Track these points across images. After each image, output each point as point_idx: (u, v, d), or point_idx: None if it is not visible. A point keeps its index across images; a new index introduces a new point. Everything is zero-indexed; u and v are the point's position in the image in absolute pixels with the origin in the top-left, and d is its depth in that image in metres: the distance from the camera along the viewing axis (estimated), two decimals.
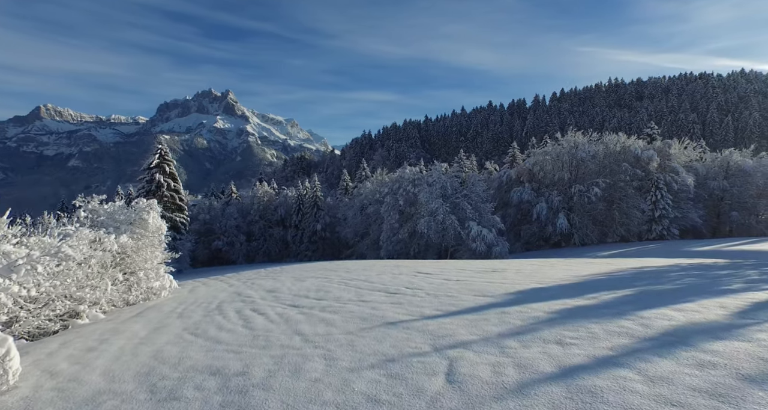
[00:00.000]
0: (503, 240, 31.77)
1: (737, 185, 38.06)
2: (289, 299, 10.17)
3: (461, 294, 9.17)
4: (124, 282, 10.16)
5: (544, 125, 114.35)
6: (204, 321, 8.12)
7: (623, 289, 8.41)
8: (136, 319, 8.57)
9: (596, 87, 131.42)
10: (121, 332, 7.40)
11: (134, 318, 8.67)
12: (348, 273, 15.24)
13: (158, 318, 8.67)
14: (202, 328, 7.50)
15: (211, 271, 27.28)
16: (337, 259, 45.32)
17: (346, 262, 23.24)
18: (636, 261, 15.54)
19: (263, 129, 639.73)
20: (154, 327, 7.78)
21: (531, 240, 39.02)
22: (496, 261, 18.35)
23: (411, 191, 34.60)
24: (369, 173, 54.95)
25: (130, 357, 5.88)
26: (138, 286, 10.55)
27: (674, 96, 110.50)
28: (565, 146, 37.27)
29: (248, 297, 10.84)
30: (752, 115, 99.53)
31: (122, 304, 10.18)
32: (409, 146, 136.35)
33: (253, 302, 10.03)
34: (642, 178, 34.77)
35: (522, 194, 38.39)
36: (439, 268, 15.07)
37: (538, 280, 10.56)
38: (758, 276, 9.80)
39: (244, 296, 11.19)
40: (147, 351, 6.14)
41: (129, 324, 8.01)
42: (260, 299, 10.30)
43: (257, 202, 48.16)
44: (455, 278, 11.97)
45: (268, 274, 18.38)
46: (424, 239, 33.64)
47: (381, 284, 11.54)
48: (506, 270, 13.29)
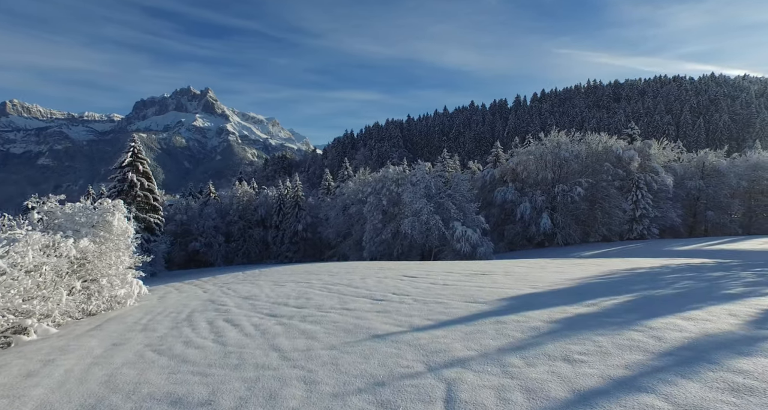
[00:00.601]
0: (487, 240, 31.52)
1: (712, 185, 38.87)
2: (267, 307, 9.43)
3: (451, 301, 8.62)
4: (83, 291, 9.24)
5: (525, 125, 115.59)
6: (170, 334, 7.32)
7: (622, 294, 7.99)
8: (93, 333, 7.70)
9: (575, 88, 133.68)
10: (71, 350, 6.55)
11: (91, 332, 7.79)
12: (331, 277, 14.54)
13: (119, 331, 7.81)
14: (167, 344, 6.71)
15: (187, 274, 26.12)
16: (319, 260, 44.46)
17: (328, 264, 22.52)
18: (624, 262, 15.32)
19: (244, 128, 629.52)
20: (113, 342, 6.95)
21: (515, 240, 38.98)
22: (483, 263, 17.93)
23: (394, 190, 34.05)
24: (351, 173, 54.17)
25: (76, 384, 5.07)
26: (100, 295, 9.63)
27: (650, 98, 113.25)
28: (548, 146, 37.34)
29: (222, 305, 10.04)
30: (722, 117, 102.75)
31: (81, 315, 9.26)
32: (391, 146, 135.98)
33: (227, 311, 9.25)
34: (623, 178, 35.10)
35: (506, 193, 38.31)
36: (424, 270, 14.52)
37: (531, 284, 10.10)
38: (754, 278, 9.56)
39: (219, 303, 10.38)
40: (98, 375, 5.35)
41: (84, 340, 7.15)
42: (235, 308, 9.52)
43: (236, 202, 46.84)
44: (443, 281, 11.42)
45: (246, 278, 17.52)
46: (408, 240, 33.13)
47: (366, 289, 10.91)
48: (495, 273, 12.83)
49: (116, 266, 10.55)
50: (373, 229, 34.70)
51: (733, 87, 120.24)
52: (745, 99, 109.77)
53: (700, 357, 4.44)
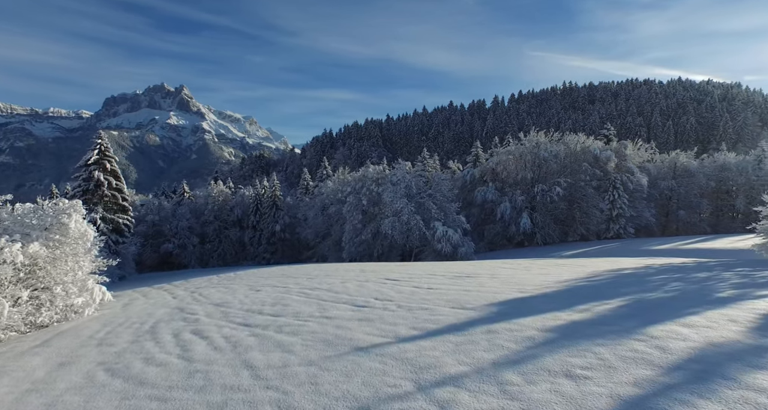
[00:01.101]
0: (468, 241, 31.36)
1: (684, 185, 39.89)
2: (241, 315, 8.75)
3: (437, 306, 8.17)
4: (31, 301, 8.35)
5: (503, 125, 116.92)
6: (130, 349, 6.60)
7: (614, 298, 7.70)
8: (38, 350, 6.89)
9: (552, 90, 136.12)
10: (7, 372, 5.77)
11: (37, 349, 6.98)
12: (309, 281, 13.91)
13: (70, 346, 7.02)
14: (124, 361, 6.00)
15: (158, 277, 24.92)
16: (298, 261, 43.52)
17: (306, 266, 21.83)
18: (606, 262, 15.23)
19: (220, 126, 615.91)
20: (60, 361, 6.20)
21: (495, 240, 39.02)
22: (466, 264, 17.60)
23: (374, 190, 33.52)
24: (330, 172, 53.38)
25: None
26: (52, 304, 8.75)
27: (622, 100, 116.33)
28: (527, 146, 37.51)
29: (192, 314, 9.30)
30: (689, 120, 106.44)
31: (28, 328, 8.36)
32: (370, 145, 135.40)
33: (196, 320, 8.53)
34: (600, 178, 35.57)
35: (486, 193, 38.30)
36: (407, 273, 14.05)
37: (518, 287, 9.75)
38: (738, 280, 9.47)
39: (188, 312, 9.63)
40: (34, 405, 4.63)
41: (25, 359, 6.36)
42: (206, 317, 8.81)
43: (212, 202, 45.37)
44: (426, 285, 10.97)
45: (220, 281, 16.67)
46: (388, 240, 32.67)
47: (346, 294, 10.35)
48: (480, 275, 12.47)
49: (74, 273, 9.66)
50: (352, 229, 34.10)
51: (699, 91, 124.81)
52: (709, 103, 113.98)
53: (713, 372, 4.09)
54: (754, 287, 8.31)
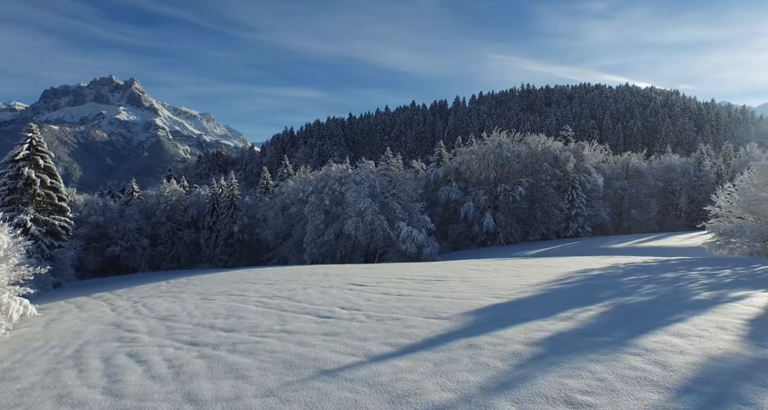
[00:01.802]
0: (433, 241, 31.13)
1: (635, 185, 41.77)
2: (189, 331, 7.71)
3: (410, 316, 7.52)
4: None
5: (464, 125, 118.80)
6: (41, 384, 5.46)
7: (594, 304, 7.34)
8: None
9: (511, 92, 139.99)
10: None
11: None
12: (269, 286, 12.90)
13: None
14: (28, 402, 4.90)
15: (100, 284, 22.84)
16: (257, 263, 41.81)
17: (266, 270, 20.65)
18: (572, 263, 15.21)
19: (175, 123, 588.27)
20: None
21: (458, 239, 39.11)
22: (434, 265, 17.13)
23: (337, 189, 32.62)
24: (291, 171, 51.78)
25: None
26: None
27: (576, 103, 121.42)
28: (490, 146, 37.84)
29: (130, 331, 8.13)
30: (636, 123, 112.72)
31: None
32: (333, 144, 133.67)
33: (135, 340, 7.41)
34: (560, 178, 36.46)
35: (450, 193, 38.31)
36: (374, 277, 13.35)
37: (492, 292, 9.28)
38: (706, 279, 9.47)
39: (126, 328, 8.44)
40: None
41: None
42: (147, 335, 7.70)
43: (164, 202, 42.73)
44: (396, 291, 10.32)
45: (169, 289, 15.28)
46: (352, 241, 31.88)
47: (309, 303, 9.50)
48: (450, 278, 11.96)
49: None
50: (314, 230, 33.03)
51: (644, 97, 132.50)
52: (653, 108, 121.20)
53: (728, 395, 3.65)
54: (724, 288, 8.25)
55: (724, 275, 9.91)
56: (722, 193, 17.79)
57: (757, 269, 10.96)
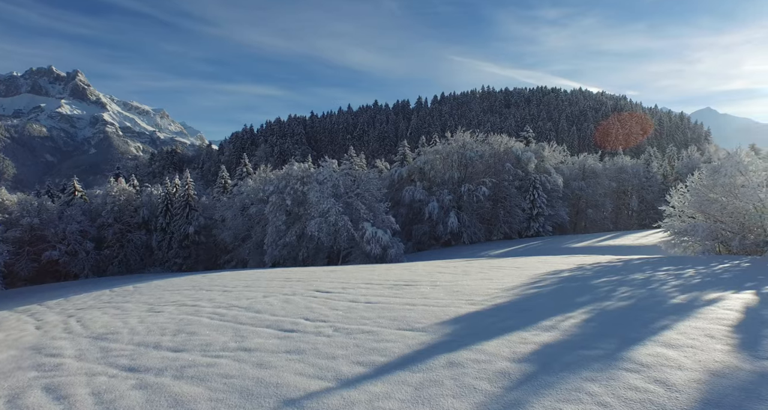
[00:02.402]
0: (398, 241, 30.73)
1: (591, 185, 43.38)
2: (128, 353, 6.71)
3: (381, 328, 6.91)
4: None
5: (427, 125, 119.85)
6: None
7: (573, 310, 7.04)
8: None
9: (472, 93, 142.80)
10: None
11: None
12: (225, 294, 11.90)
13: None
14: None
15: (30, 293, 20.66)
16: (215, 266, 39.89)
17: (224, 275, 19.39)
18: (540, 263, 15.18)
19: (126, 119, 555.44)
20: None
21: (422, 239, 39.02)
22: (401, 268, 16.62)
23: (299, 189, 31.55)
24: (251, 170, 49.90)
25: None
26: None
27: (534, 106, 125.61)
28: (454, 146, 37.97)
29: (54, 355, 6.98)
30: (589, 126, 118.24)
31: None
32: (294, 143, 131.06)
33: (58, 367, 6.32)
34: (522, 178, 37.15)
35: (414, 193, 38.10)
36: (340, 282, 12.65)
37: (466, 297, 8.85)
38: (675, 281, 9.49)
39: (49, 352, 7.26)
40: None
41: None
42: (75, 359, 6.62)
43: (112, 202, 39.82)
44: (364, 298, 9.69)
45: (112, 298, 13.87)
46: (314, 242, 30.92)
47: (270, 313, 8.68)
48: (420, 283, 11.47)
49: None
50: (275, 231, 31.78)
51: (596, 101, 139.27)
52: (604, 112, 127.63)
53: None
54: (695, 290, 8.22)
55: (689, 276, 10.00)
56: (675, 193, 18.41)
57: (716, 268, 11.21)
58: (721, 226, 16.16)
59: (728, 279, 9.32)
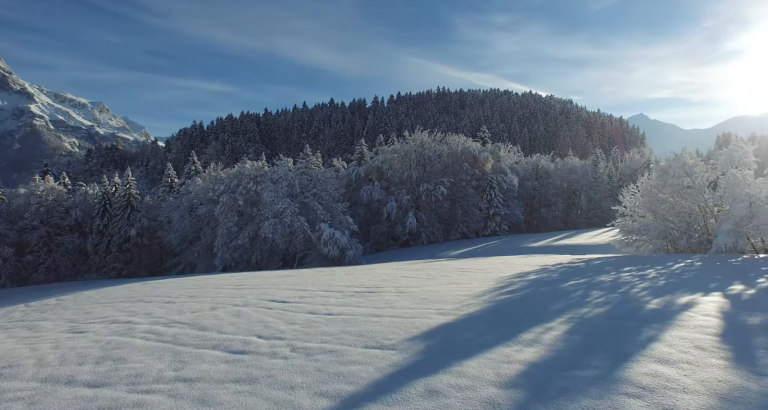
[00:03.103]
0: (356, 243, 29.94)
1: (544, 185, 44.80)
2: (28, 393, 5.43)
3: (346, 346, 6.13)
4: None
5: (383, 124, 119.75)
6: None
7: (551, 319, 6.60)
8: None
9: (427, 93, 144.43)
10: None
11: None
12: (167, 307, 10.60)
13: None
14: None
15: None
16: (160, 270, 37.24)
17: (167, 282, 17.74)
18: (502, 264, 14.98)
19: (58, 111, 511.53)
20: None
21: (381, 240, 38.46)
22: (362, 272, 15.86)
23: (253, 189, 29.95)
24: (200, 168, 47.17)
25: None
26: None
27: (488, 107, 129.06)
28: (412, 145, 37.71)
29: None
30: (539, 128, 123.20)
31: None
32: (247, 140, 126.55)
33: None
34: (479, 178, 37.54)
35: (372, 192, 37.45)
36: (296, 289, 11.70)
37: (434, 305, 8.25)
38: (641, 282, 9.42)
39: None
40: None
41: None
42: None
43: (37, 202, 36.06)
44: (324, 308, 8.85)
45: (27, 314, 12.08)
46: (269, 245, 29.48)
47: (218, 331, 7.62)
48: (383, 289, 10.78)
49: None
50: (227, 233, 29.99)
51: (545, 104, 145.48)
52: (552, 115, 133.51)
53: None
54: (665, 293, 8.12)
55: (653, 277, 10.00)
56: (627, 193, 18.97)
57: (674, 268, 11.38)
58: (670, 225, 16.73)
59: (690, 280, 9.37)
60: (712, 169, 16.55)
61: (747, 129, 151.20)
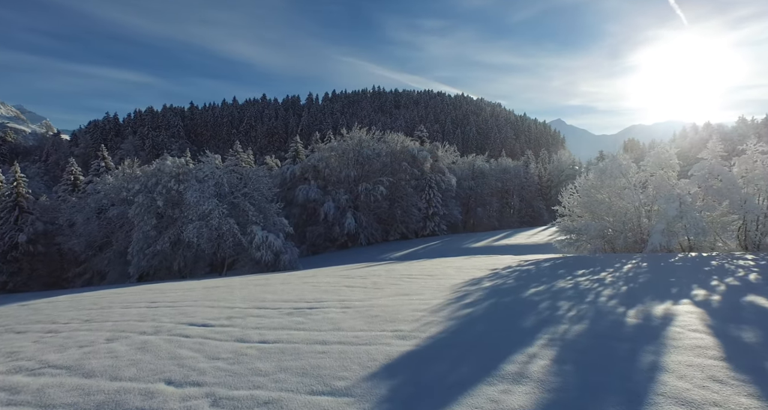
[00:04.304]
0: (292, 246, 28.02)
1: (480, 185, 45.79)
2: None
3: (286, 392, 4.72)
4: None
5: (318, 122, 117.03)
6: None
7: (529, 342, 5.69)
8: None
9: (363, 92, 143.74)
10: None
11: None
12: (45, 339, 8.31)
13: None
14: None
15: None
16: (60, 281, 32.42)
17: (58, 300, 14.76)
18: (451, 269, 14.23)
19: None
20: None
21: (318, 242, 36.72)
22: (299, 280, 14.25)
23: (174, 188, 26.86)
24: (111, 165, 42.02)
25: None
26: None
27: (422, 108, 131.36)
28: (350, 143, 36.43)
29: None
30: (472, 129, 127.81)
31: None
32: (170, 136, 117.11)
33: None
34: (418, 177, 37.21)
35: (308, 192, 35.60)
36: (222, 307, 9.91)
37: (391, 326, 7.05)
38: (602, 288, 9.00)
39: None
40: None
41: None
42: None
43: None
44: (257, 333, 7.29)
45: None
46: (193, 250, 26.61)
47: (110, 376, 5.76)
48: (326, 303, 9.40)
49: None
50: (143, 238, 26.60)
51: (476, 106, 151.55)
52: (483, 117, 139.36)
53: None
54: (633, 301, 7.67)
55: (611, 282, 9.66)
56: (566, 193, 19.25)
57: (624, 269, 11.28)
58: (608, 225, 17.09)
59: (649, 285, 9.11)
60: (642, 170, 17.22)
61: (644, 136, 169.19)
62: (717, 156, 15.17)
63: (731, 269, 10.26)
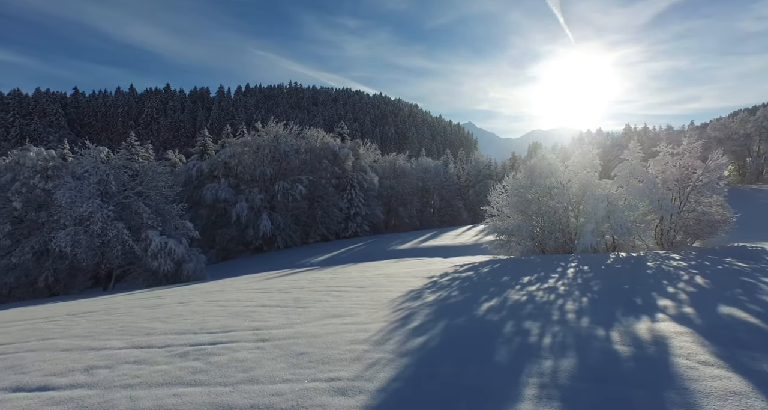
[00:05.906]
0: (197, 253, 24.49)
1: (401, 184, 45.25)
2: None
3: None
4: None
5: (230, 117, 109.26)
6: None
7: (518, 397, 4.24)
8: None
9: (279, 88, 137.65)
10: None
11: None
12: None
13: None
14: None
15: None
16: None
17: None
18: (382, 277, 12.69)
19: None
20: None
21: (229, 246, 33.10)
22: (204, 297, 11.62)
23: (40, 186, 21.86)
24: None
25: None
26: None
27: (341, 106, 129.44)
28: (265, 138, 33.36)
29: None
30: (390, 129, 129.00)
31: None
32: (47, 125, 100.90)
33: None
34: (339, 176, 35.34)
35: (218, 191, 31.87)
36: (86, 348, 7.18)
37: (323, 371, 5.18)
38: (566, 302, 8.04)
39: None
40: None
41: None
42: None
43: None
44: (126, 397, 4.94)
45: None
46: (68, 261, 21.90)
47: None
48: (235, 335, 7.20)
49: None
50: None
51: (394, 106, 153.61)
52: (401, 117, 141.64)
53: None
54: (606, 318, 6.71)
55: (565, 291, 8.79)
56: (494, 193, 18.83)
57: (569, 273, 10.66)
58: (538, 225, 16.84)
59: (607, 293, 8.36)
60: (566, 169, 17.30)
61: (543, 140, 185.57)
62: (638, 157, 15.59)
63: (670, 271, 10.07)
